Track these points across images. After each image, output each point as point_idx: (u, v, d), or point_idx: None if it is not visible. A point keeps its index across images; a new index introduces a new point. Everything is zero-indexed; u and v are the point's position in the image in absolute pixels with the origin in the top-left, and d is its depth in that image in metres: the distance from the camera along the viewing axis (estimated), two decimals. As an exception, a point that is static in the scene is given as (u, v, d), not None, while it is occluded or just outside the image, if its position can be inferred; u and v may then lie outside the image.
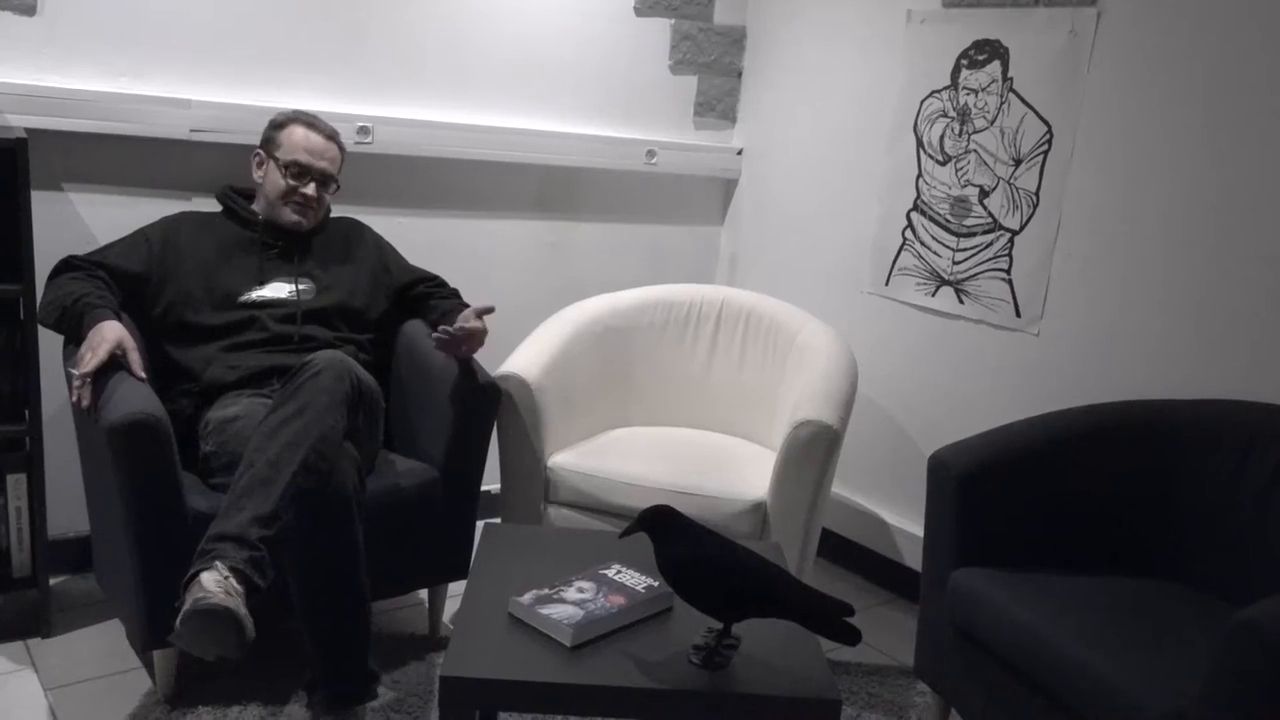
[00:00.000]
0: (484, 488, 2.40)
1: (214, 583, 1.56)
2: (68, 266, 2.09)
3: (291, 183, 2.21)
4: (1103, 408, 2.14)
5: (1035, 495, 2.03)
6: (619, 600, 1.59)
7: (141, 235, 2.20)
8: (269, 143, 2.24)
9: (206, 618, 1.55)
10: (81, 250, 2.16)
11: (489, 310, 2.19)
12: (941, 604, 1.99)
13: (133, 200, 2.38)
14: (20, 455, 2.18)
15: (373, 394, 2.01)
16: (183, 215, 2.26)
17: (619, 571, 1.69)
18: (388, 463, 2.23)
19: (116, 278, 2.12)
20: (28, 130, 2.19)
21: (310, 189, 2.22)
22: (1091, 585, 1.92)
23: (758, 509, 2.27)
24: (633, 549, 1.87)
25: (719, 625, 1.57)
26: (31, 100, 2.19)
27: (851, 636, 1.43)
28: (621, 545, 1.88)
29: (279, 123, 2.24)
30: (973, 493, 1.98)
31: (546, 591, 1.60)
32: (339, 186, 2.31)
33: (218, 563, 1.60)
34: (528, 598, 1.58)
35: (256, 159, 2.26)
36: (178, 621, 1.56)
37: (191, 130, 2.37)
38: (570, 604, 1.56)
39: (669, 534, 1.48)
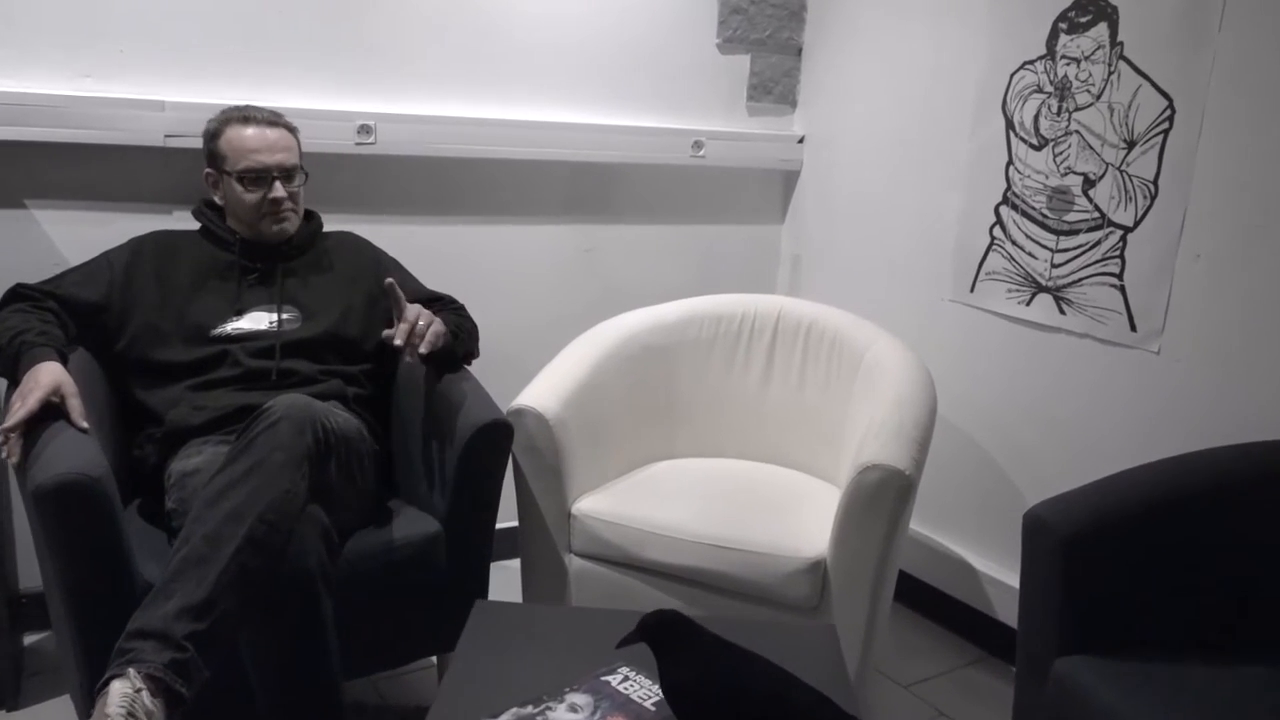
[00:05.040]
0: (506, 525, 2.10)
1: (120, 699, 1.27)
2: (15, 296, 1.84)
3: (255, 193, 1.92)
4: (1247, 449, 1.72)
5: (1160, 564, 1.62)
6: (621, 722, 1.26)
7: (105, 259, 1.95)
8: (213, 158, 1.96)
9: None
10: (51, 275, 1.91)
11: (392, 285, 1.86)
12: (1040, 700, 1.61)
13: (105, 217, 2.13)
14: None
15: (349, 440, 1.72)
16: (152, 236, 2.00)
17: (625, 679, 1.36)
18: (387, 513, 1.94)
19: (71, 308, 1.86)
20: (-22, 141, 1.96)
21: (278, 190, 1.93)
22: (1231, 681, 1.51)
23: (816, 568, 1.91)
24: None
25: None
26: (-18, 108, 1.95)
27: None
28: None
29: (213, 131, 1.96)
30: (1080, 561, 1.59)
31: (529, 711, 1.27)
32: (307, 175, 2.02)
33: (130, 670, 1.31)
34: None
35: (209, 179, 1.99)
36: None
37: (166, 135, 2.10)
38: (558, 729, 1.23)
39: (675, 651, 1.14)
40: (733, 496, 2.15)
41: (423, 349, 1.83)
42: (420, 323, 1.83)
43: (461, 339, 2.00)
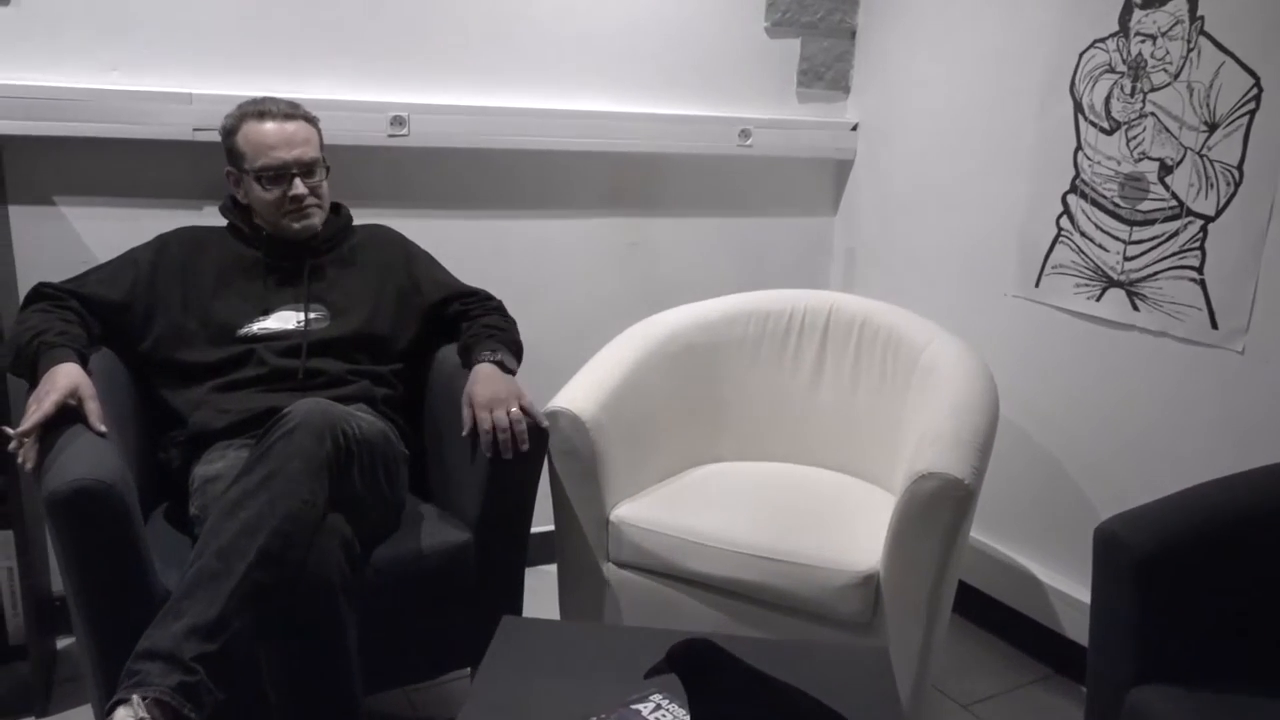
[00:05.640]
0: (542, 529, 2.02)
1: (124, 724, 1.21)
2: (37, 296, 1.79)
3: (274, 191, 1.85)
4: (1344, 460, 1.57)
5: (1247, 586, 1.49)
6: (650, 759, 1.16)
7: (129, 257, 1.89)
8: (231, 155, 1.90)
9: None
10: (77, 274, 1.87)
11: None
12: (1114, 732, 1.48)
13: (134, 213, 2.08)
14: (5, 510, 1.91)
15: (373, 445, 1.64)
16: (177, 233, 1.94)
17: (657, 708, 1.26)
18: (417, 519, 1.86)
19: (94, 308, 1.81)
20: (5, 137, 1.92)
21: (297, 187, 1.85)
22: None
23: (868, 583, 1.79)
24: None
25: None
26: (9, 103, 1.91)
27: None
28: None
29: (229, 128, 1.89)
30: (1158, 582, 1.45)
31: (551, 744, 1.18)
32: (329, 168, 1.94)
33: (135, 696, 1.25)
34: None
35: (231, 178, 1.92)
36: None
37: (195, 129, 2.05)
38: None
39: (706, 685, 1.04)
40: (780, 504, 2.04)
41: (507, 455, 1.74)
42: (501, 433, 1.73)
43: (508, 348, 1.93)
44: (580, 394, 1.99)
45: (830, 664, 1.39)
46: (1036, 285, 2.30)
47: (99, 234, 2.06)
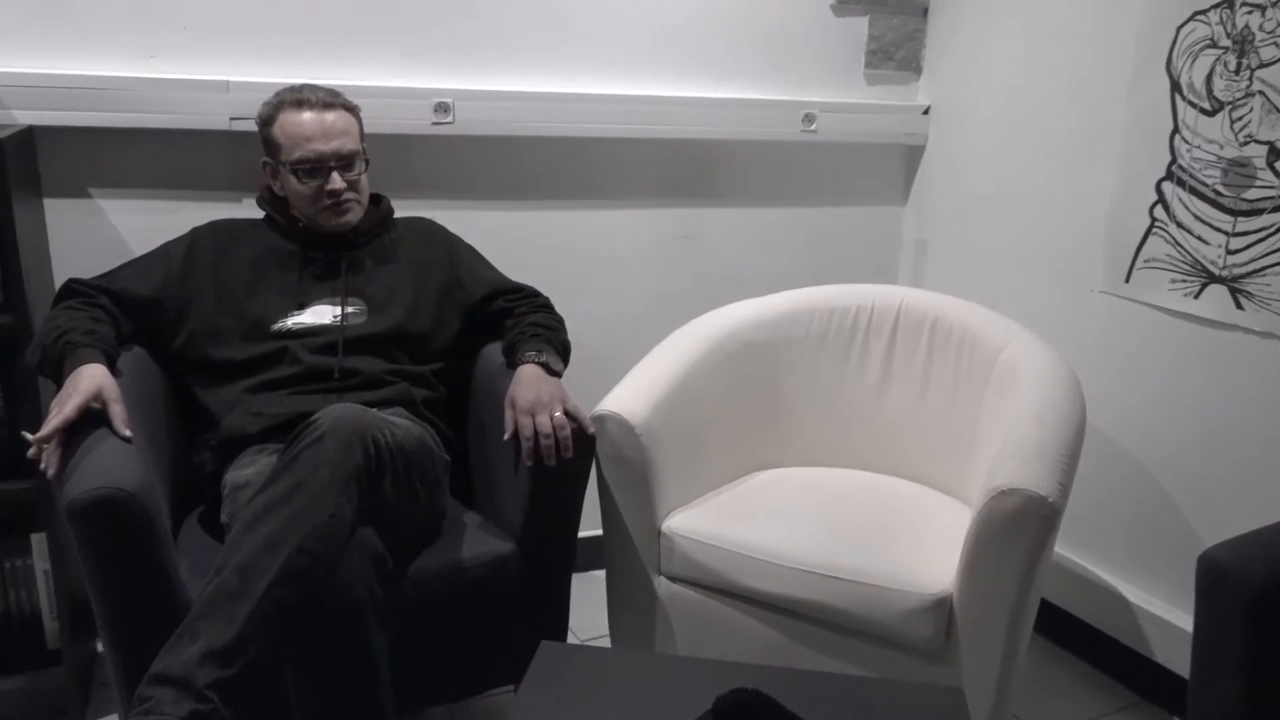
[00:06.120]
0: (591, 534, 1.92)
1: (131, 760, 1.12)
2: (67, 293, 1.74)
3: (310, 184, 1.77)
4: None
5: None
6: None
7: (162, 252, 1.83)
8: (267, 146, 1.82)
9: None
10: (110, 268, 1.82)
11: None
12: (1221, 786, 1.32)
13: (171, 205, 2.02)
14: (39, 512, 1.86)
15: (409, 454, 1.54)
16: (211, 225, 1.87)
17: (704, 757, 1.13)
18: (459, 528, 1.77)
19: (125, 304, 1.75)
20: (39, 128, 1.87)
21: (335, 181, 1.77)
22: None
23: (940, 607, 1.65)
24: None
25: None
26: (42, 92, 1.85)
27: None
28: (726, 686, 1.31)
29: (266, 117, 1.81)
30: (1271, 619, 1.29)
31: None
32: (368, 160, 1.86)
33: (146, 724, 1.17)
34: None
35: (268, 169, 1.84)
36: None
37: (232, 119, 1.98)
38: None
39: (758, 744, 0.91)
40: (843, 515, 1.90)
41: (550, 463, 1.64)
42: (544, 439, 1.63)
43: (556, 348, 1.84)
44: (630, 397, 1.87)
45: (898, 707, 1.26)
46: (1126, 281, 2.12)
47: (135, 227, 2.00)
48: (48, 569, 1.91)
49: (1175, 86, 2.00)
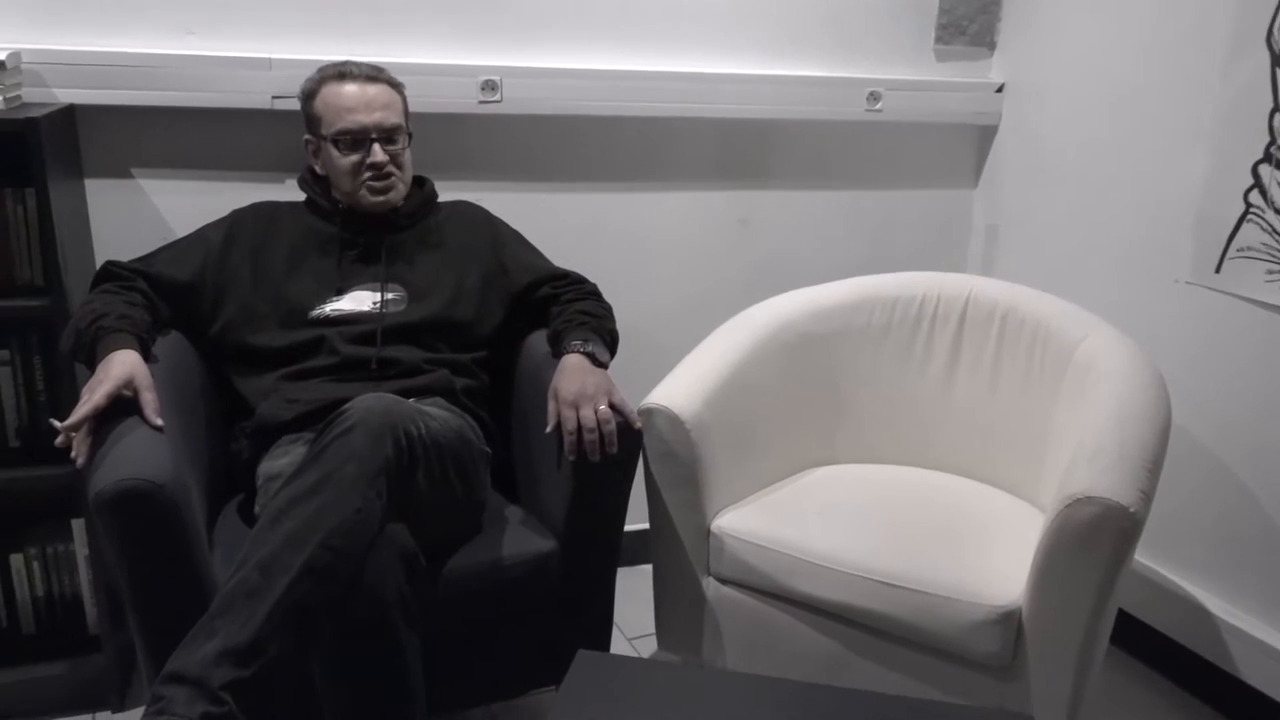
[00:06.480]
0: (637, 527, 1.85)
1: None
2: (105, 276, 1.71)
3: (352, 158, 1.72)
4: None
5: None
6: None
7: (201, 234, 1.80)
8: (310, 121, 1.78)
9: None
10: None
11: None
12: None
13: (214, 185, 1.98)
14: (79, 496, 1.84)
15: (444, 447, 1.48)
16: (252, 208, 1.83)
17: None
18: (500, 524, 1.71)
19: (162, 289, 1.71)
20: (80, 107, 1.84)
21: (376, 154, 1.72)
22: None
23: (1008, 620, 1.54)
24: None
25: None
26: (82, 70, 1.82)
27: None
28: (769, 705, 1.23)
29: (308, 92, 1.78)
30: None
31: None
32: (411, 136, 1.81)
33: (159, 724, 1.12)
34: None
35: (310, 146, 1.80)
36: None
37: (274, 97, 1.93)
38: None
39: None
40: (905, 517, 1.80)
41: (594, 458, 1.56)
42: (587, 434, 1.55)
43: (603, 338, 1.76)
44: (680, 389, 1.79)
45: (962, 732, 1.16)
46: (1217, 271, 1.98)
47: (177, 208, 1.97)
48: (88, 554, 1.89)
49: (1276, 60, 1.85)
